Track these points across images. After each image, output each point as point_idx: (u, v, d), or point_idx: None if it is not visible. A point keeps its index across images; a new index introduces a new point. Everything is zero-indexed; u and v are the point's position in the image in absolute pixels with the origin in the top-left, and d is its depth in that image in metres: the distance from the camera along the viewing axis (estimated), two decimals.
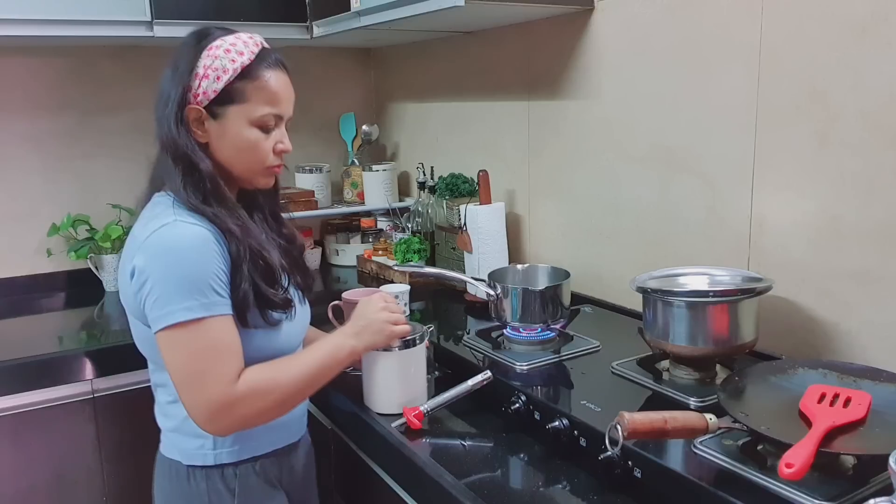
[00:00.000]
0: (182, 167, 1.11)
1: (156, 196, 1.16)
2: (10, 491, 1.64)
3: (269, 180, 1.21)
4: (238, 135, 1.13)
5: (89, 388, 1.70)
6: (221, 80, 1.10)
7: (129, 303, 1.12)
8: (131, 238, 1.12)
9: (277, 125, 1.16)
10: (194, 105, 1.11)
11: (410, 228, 2.21)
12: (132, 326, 1.16)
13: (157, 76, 1.14)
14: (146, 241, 1.06)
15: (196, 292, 1.04)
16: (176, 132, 1.10)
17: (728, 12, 1.38)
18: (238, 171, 1.16)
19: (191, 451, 1.16)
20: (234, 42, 1.12)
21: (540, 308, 1.43)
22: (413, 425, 1.21)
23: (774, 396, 1.07)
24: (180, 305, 1.03)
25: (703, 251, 1.49)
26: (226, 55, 1.10)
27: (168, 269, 1.04)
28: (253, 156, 1.15)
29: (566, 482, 1.04)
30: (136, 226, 1.14)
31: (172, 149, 1.11)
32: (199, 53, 1.11)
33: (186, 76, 1.10)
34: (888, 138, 1.16)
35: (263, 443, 1.20)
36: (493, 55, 2.05)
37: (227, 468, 1.17)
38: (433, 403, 1.24)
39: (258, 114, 1.13)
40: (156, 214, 1.10)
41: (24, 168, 2.17)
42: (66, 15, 1.82)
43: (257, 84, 1.12)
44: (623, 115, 1.65)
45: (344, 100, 2.64)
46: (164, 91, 1.13)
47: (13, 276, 2.18)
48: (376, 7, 1.76)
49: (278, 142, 1.17)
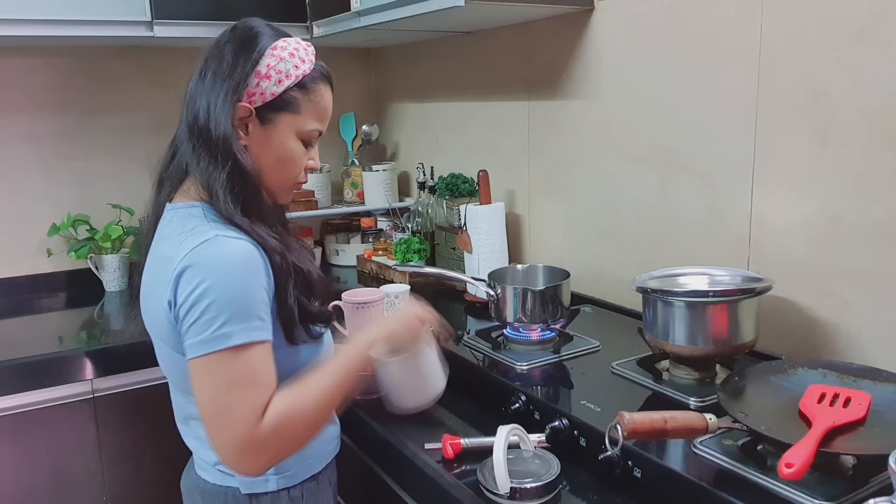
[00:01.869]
0: (229, 168, 1.02)
1: (178, 208, 1.06)
2: (10, 491, 1.64)
3: (290, 196, 1.17)
4: (283, 145, 1.07)
5: (89, 388, 1.70)
6: (283, 84, 1.04)
7: (163, 330, 1.03)
8: (160, 260, 1.03)
9: (315, 142, 1.12)
10: (247, 104, 1.04)
11: (410, 228, 2.21)
12: (163, 355, 1.09)
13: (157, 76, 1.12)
14: (187, 260, 0.97)
15: (243, 316, 0.96)
16: (231, 129, 1.02)
17: (728, 12, 1.38)
18: (270, 182, 1.09)
19: (249, 480, 1.08)
20: (297, 47, 1.07)
21: (540, 308, 1.43)
22: (446, 453, 1.13)
23: (774, 396, 1.07)
24: (225, 330, 0.95)
25: (703, 251, 1.49)
26: (290, 59, 1.05)
27: (214, 291, 0.95)
28: (290, 169, 1.10)
29: (566, 482, 1.04)
30: (163, 245, 1.04)
31: (224, 148, 1.02)
32: (262, 51, 1.04)
33: (248, 72, 1.03)
34: (888, 138, 1.16)
35: (318, 458, 1.16)
36: (493, 55, 2.05)
37: (293, 490, 1.11)
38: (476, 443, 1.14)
39: (307, 127, 1.08)
40: (189, 230, 1.01)
41: (24, 168, 2.17)
42: (66, 15, 1.82)
43: (312, 97, 1.08)
44: (623, 115, 1.65)
45: (344, 100, 2.63)
46: (212, 84, 1.04)
47: (13, 276, 2.18)
48: (376, 7, 1.76)
49: (311, 158, 1.12)
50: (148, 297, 1.07)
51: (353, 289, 1.56)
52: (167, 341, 1.04)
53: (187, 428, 1.14)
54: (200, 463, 1.14)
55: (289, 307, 1.03)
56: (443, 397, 1.33)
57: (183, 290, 0.97)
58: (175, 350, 1.03)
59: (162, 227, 1.08)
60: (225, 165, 1.02)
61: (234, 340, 0.95)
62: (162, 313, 1.01)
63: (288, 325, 1.04)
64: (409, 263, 2.01)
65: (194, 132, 1.05)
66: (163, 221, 1.09)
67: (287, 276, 1.04)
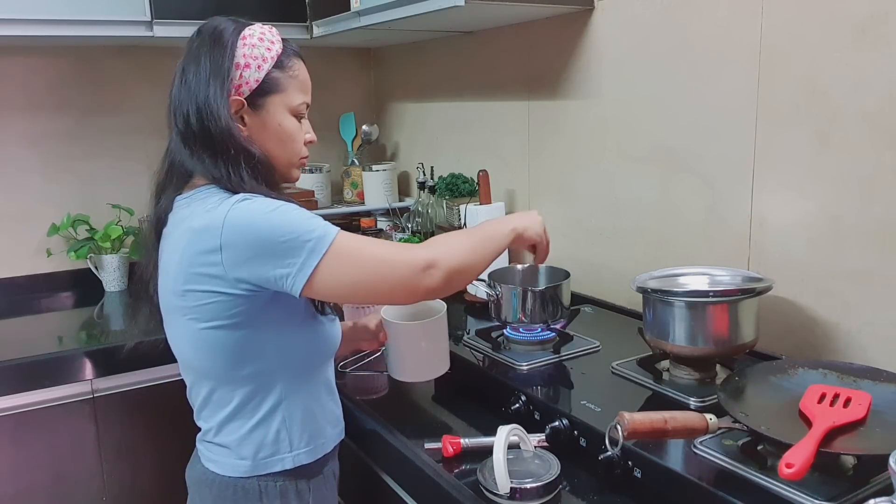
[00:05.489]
0: (243, 160, 1.05)
1: (190, 195, 1.07)
2: (10, 491, 1.64)
3: (299, 174, 1.19)
4: (280, 125, 1.11)
5: (89, 388, 1.70)
6: (262, 68, 1.08)
7: (202, 303, 1.02)
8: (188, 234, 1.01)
9: (306, 114, 1.16)
10: (237, 96, 1.06)
11: (410, 228, 2.21)
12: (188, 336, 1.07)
13: (157, 76, 1.13)
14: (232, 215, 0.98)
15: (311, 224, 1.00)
16: (231, 124, 1.05)
17: (728, 13, 1.38)
18: (279, 163, 1.12)
19: (264, 459, 1.10)
20: (263, 31, 1.10)
21: (540, 308, 1.43)
22: (446, 452, 1.13)
23: (774, 396, 1.07)
24: (318, 233, 0.99)
25: (703, 251, 1.49)
26: (261, 44, 1.08)
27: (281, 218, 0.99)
28: (293, 146, 1.13)
29: (566, 482, 1.04)
30: (187, 223, 1.03)
31: (233, 144, 1.05)
32: (234, 43, 1.07)
33: (228, 66, 1.05)
34: (888, 138, 1.16)
35: (330, 439, 1.18)
36: (493, 55, 2.05)
37: (301, 482, 1.13)
38: (476, 442, 1.14)
39: (296, 102, 1.12)
40: (217, 200, 1.02)
41: (24, 168, 2.17)
42: (65, 15, 1.82)
43: (290, 73, 1.11)
44: (623, 115, 1.65)
45: (344, 100, 2.64)
46: (196, 88, 1.05)
47: (13, 276, 2.18)
48: (376, 7, 1.76)
49: (306, 132, 1.16)
50: (178, 277, 1.03)
51: None
52: (209, 314, 1.02)
53: (205, 413, 1.13)
54: (208, 455, 1.13)
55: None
56: (443, 397, 1.33)
57: (246, 240, 0.98)
58: (216, 322, 1.02)
59: (177, 215, 1.08)
60: (238, 160, 1.05)
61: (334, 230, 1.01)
62: (206, 284, 1.00)
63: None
64: None
65: (188, 137, 1.06)
66: (176, 212, 1.09)
67: None
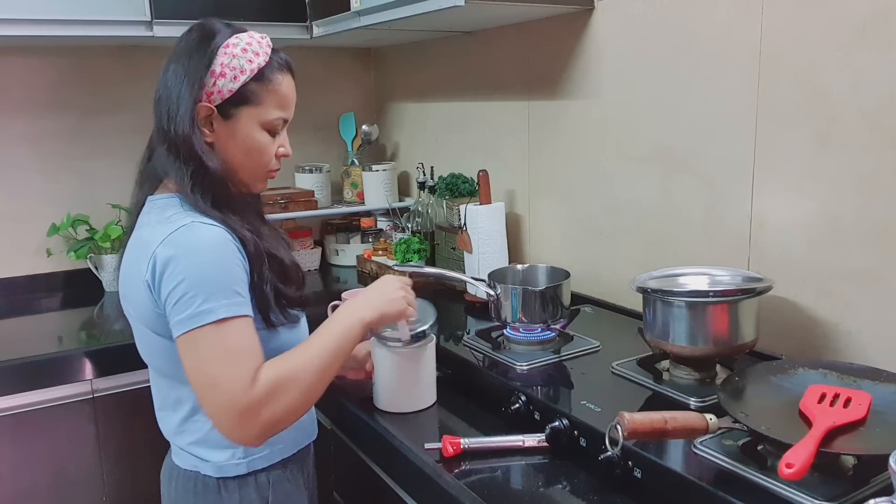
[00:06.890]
0: (193, 167, 1.07)
1: (157, 199, 1.12)
2: (10, 491, 1.64)
3: (265, 185, 1.21)
4: (248, 137, 1.12)
5: (89, 388, 1.70)
6: (238, 80, 1.08)
7: (142, 311, 1.07)
8: (139, 244, 1.08)
9: (282, 129, 1.16)
10: (206, 103, 1.08)
11: (410, 228, 2.21)
12: (141, 338, 1.13)
13: (157, 76, 1.13)
14: (165, 244, 1.02)
15: (221, 293, 1.01)
16: (190, 130, 1.07)
17: (728, 12, 1.38)
18: (242, 173, 1.14)
19: (221, 462, 1.12)
20: (250, 42, 1.10)
21: (540, 308, 1.43)
22: (446, 452, 1.13)
23: (774, 396, 1.07)
24: (206, 307, 1.00)
25: (703, 251, 1.49)
26: (243, 55, 1.08)
27: (192, 271, 1.00)
28: (259, 159, 1.14)
29: (566, 482, 1.04)
30: (142, 231, 1.09)
31: (185, 148, 1.07)
32: (215, 50, 1.08)
33: (202, 72, 1.07)
34: (888, 138, 1.16)
35: (289, 444, 1.18)
36: (493, 55, 2.05)
37: (260, 476, 1.14)
38: (476, 443, 1.15)
39: (270, 117, 1.12)
40: (167, 217, 1.06)
41: (24, 168, 2.17)
42: (65, 15, 1.82)
43: (270, 87, 1.11)
44: (623, 115, 1.65)
45: (344, 100, 2.64)
46: (172, 87, 1.08)
47: (13, 276, 2.18)
48: (376, 7, 1.76)
49: (280, 146, 1.16)
50: (127, 282, 1.10)
51: (353, 289, 1.56)
52: (148, 323, 1.08)
53: (164, 413, 1.18)
54: (175, 449, 1.18)
55: (264, 292, 1.09)
56: (443, 397, 1.33)
57: (161, 272, 1.01)
58: (156, 332, 1.07)
59: (142, 217, 1.13)
60: (188, 165, 1.07)
61: (216, 315, 1.00)
62: (143, 296, 1.05)
63: (264, 309, 1.09)
64: (409, 263, 2.01)
65: (161, 135, 1.10)
66: (143, 212, 1.13)
67: (261, 262, 1.09)
